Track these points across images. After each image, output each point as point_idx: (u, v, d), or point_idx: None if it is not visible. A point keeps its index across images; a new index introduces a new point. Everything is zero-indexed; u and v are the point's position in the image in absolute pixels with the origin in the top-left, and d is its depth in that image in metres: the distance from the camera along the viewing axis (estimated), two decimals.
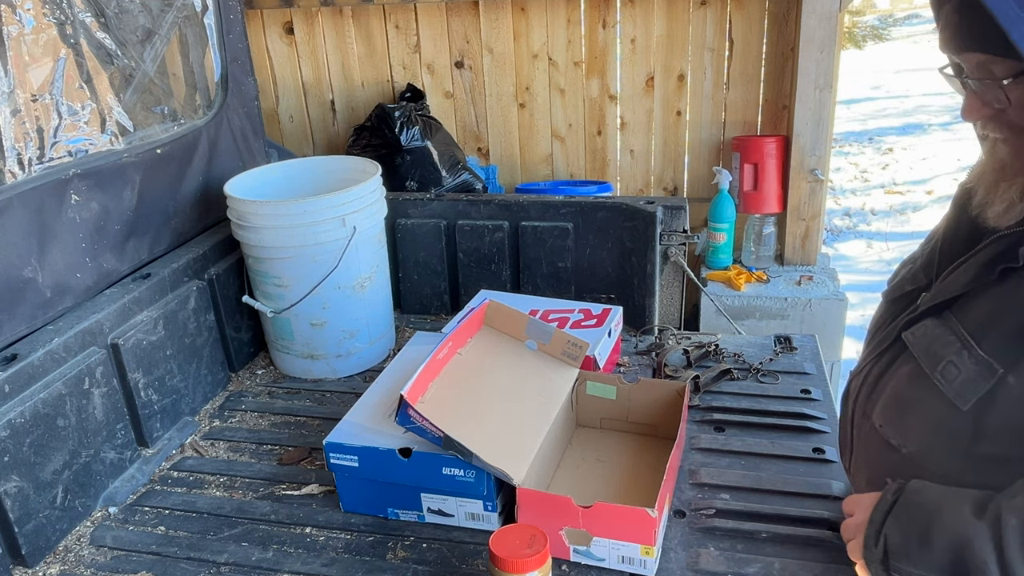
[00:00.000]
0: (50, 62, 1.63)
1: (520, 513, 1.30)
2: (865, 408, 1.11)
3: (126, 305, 1.68)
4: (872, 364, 1.12)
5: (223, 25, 2.12)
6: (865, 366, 1.14)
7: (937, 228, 1.19)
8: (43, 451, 1.42)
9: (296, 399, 1.94)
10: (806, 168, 2.87)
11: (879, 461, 1.08)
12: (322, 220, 1.84)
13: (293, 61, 3.34)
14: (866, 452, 1.12)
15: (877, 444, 1.08)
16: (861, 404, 1.13)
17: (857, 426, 1.14)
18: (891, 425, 1.05)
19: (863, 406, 1.12)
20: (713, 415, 1.68)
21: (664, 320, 2.14)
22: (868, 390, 1.11)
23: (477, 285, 2.22)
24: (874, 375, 1.11)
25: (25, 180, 1.54)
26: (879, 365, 1.10)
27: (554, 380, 1.56)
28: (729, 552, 1.30)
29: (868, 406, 1.10)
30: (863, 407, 1.12)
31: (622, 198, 2.17)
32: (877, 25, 11.61)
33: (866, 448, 1.12)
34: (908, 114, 7.86)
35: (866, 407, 1.11)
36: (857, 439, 1.15)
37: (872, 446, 1.10)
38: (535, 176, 3.31)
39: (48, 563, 1.42)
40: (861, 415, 1.12)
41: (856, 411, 1.14)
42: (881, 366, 1.10)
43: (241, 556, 1.40)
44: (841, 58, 2.83)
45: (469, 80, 3.23)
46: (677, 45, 3.00)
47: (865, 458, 1.13)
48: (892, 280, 1.20)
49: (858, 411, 1.14)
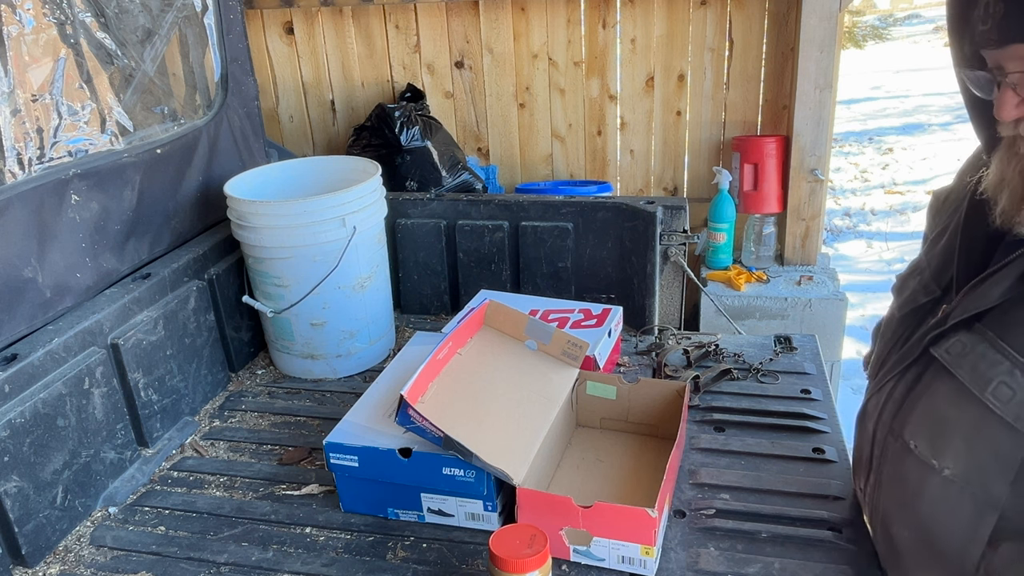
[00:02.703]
0: (50, 62, 1.63)
1: (520, 513, 1.30)
2: (892, 426, 1.08)
3: (126, 305, 1.68)
4: (896, 381, 1.09)
5: (223, 25, 2.12)
6: (886, 383, 1.11)
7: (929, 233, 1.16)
8: (43, 451, 1.42)
9: (296, 399, 1.94)
10: (806, 168, 2.87)
11: (915, 482, 1.05)
12: (322, 220, 1.84)
13: (293, 61, 3.35)
14: (896, 473, 1.09)
15: (912, 465, 1.04)
16: (886, 423, 1.09)
17: (881, 445, 1.11)
18: (929, 445, 1.01)
19: (888, 424, 1.09)
20: (713, 415, 1.68)
21: (664, 320, 2.14)
22: (894, 408, 1.08)
23: (477, 285, 2.22)
24: (899, 392, 1.08)
25: (25, 180, 1.54)
26: (904, 381, 1.07)
27: (554, 380, 1.56)
28: (729, 552, 1.30)
29: (896, 424, 1.07)
30: (888, 425, 1.09)
31: (622, 198, 2.17)
32: (877, 25, 11.61)
33: (896, 469, 1.09)
34: (908, 114, 7.87)
35: (893, 425, 1.08)
36: (882, 459, 1.11)
37: (904, 466, 1.06)
38: (535, 176, 3.31)
39: (48, 563, 1.42)
40: (887, 433, 1.09)
41: (879, 430, 1.11)
42: (907, 382, 1.07)
43: (241, 556, 1.40)
44: (841, 58, 2.83)
45: (469, 80, 3.23)
46: (677, 45, 3.01)
47: (895, 479, 1.09)
48: (901, 293, 1.17)
49: (881, 430, 1.10)
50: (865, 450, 1.17)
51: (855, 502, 1.37)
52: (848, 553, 1.28)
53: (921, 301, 1.10)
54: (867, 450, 1.16)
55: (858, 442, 1.20)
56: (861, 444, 1.18)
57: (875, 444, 1.13)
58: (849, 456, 1.46)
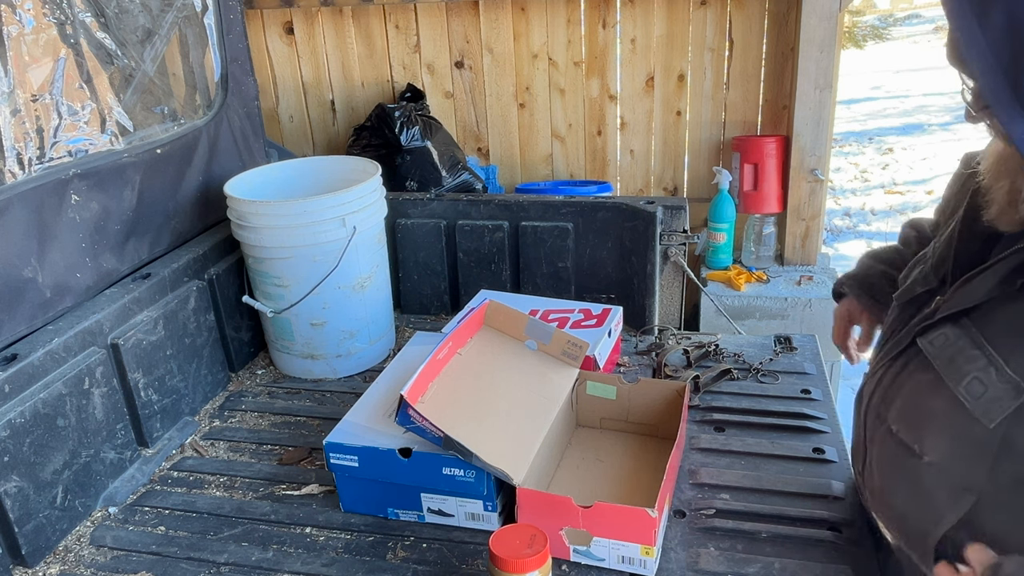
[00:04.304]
0: (50, 62, 1.63)
1: (520, 513, 1.30)
2: (879, 411, 1.10)
3: (126, 305, 1.68)
4: (886, 367, 1.10)
5: (223, 25, 2.12)
6: (878, 369, 1.13)
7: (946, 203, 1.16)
8: (43, 451, 1.42)
9: (296, 399, 1.94)
10: (806, 168, 2.87)
11: (898, 466, 1.06)
12: (322, 220, 1.84)
13: (293, 61, 3.35)
14: (883, 456, 1.11)
15: (895, 448, 1.06)
16: (875, 407, 1.11)
17: (870, 429, 1.13)
18: (909, 431, 1.03)
19: (877, 409, 1.11)
20: (713, 415, 1.68)
21: (664, 320, 2.14)
22: (882, 393, 1.10)
23: (477, 285, 2.22)
24: (888, 378, 1.09)
25: (25, 180, 1.54)
26: (893, 368, 1.09)
27: (554, 380, 1.56)
28: (729, 552, 1.30)
29: (883, 409, 1.09)
30: (876, 410, 1.11)
31: (622, 198, 2.17)
32: (877, 25, 11.61)
33: (882, 451, 1.10)
34: (908, 114, 7.87)
35: (880, 410, 1.10)
36: (871, 443, 1.13)
37: (889, 450, 1.08)
38: (535, 176, 3.31)
39: (48, 563, 1.42)
40: (875, 418, 1.11)
41: (869, 414, 1.13)
42: (895, 369, 1.08)
43: (241, 556, 1.40)
44: (841, 58, 2.83)
45: (469, 80, 3.23)
46: (677, 45, 3.01)
47: (882, 461, 1.11)
48: (904, 280, 1.18)
49: (871, 414, 1.12)
50: (859, 433, 1.19)
51: (855, 502, 1.37)
52: (848, 553, 1.28)
53: (918, 291, 1.11)
54: (860, 433, 1.18)
55: (854, 426, 1.22)
56: (856, 427, 1.20)
57: (866, 428, 1.15)
58: (849, 456, 1.46)
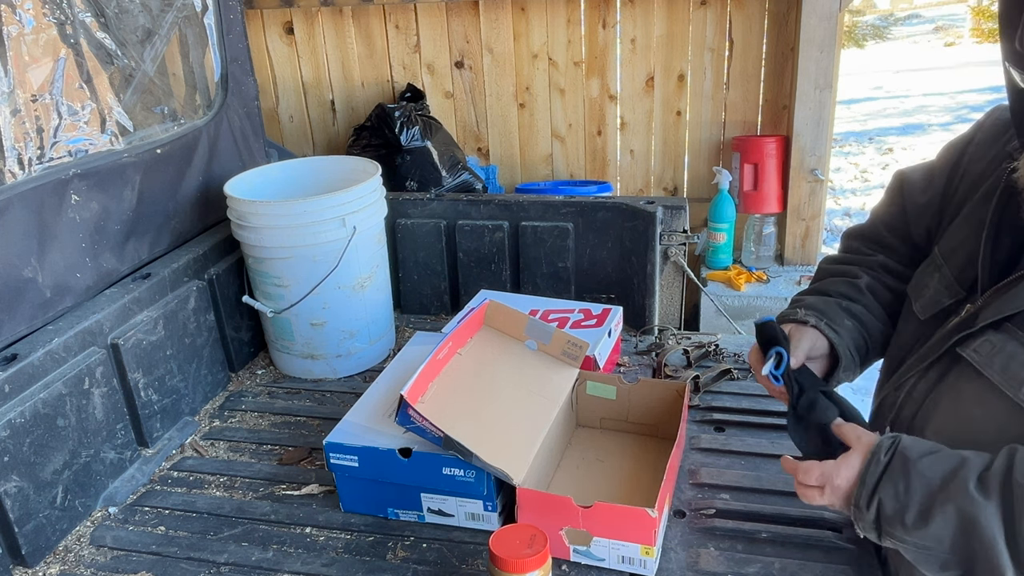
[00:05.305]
0: (50, 62, 1.63)
1: (520, 513, 1.30)
2: (912, 424, 1.08)
3: (126, 305, 1.68)
4: (917, 379, 1.08)
5: (223, 25, 2.12)
6: (906, 380, 1.10)
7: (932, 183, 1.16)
8: (43, 451, 1.42)
9: (296, 399, 1.94)
10: (806, 168, 2.87)
11: None
12: (322, 220, 1.84)
13: (293, 61, 3.35)
14: None
15: None
16: (905, 420, 1.09)
17: None
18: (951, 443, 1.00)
19: (908, 422, 1.09)
20: (713, 415, 1.68)
21: (664, 320, 2.14)
22: (914, 406, 1.08)
23: (477, 285, 2.22)
24: (920, 390, 1.07)
25: (25, 180, 1.54)
26: (926, 380, 1.07)
27: (554, 380, 1.56)
28: (729, 552, 1.30)
29: (917, 422, 1.07)
30: (908, 423, 1.09)
31: (622, 198, 2.17)
32: (877, 25, 11.62)
33: None
34: (908, 114, 7.87)
35: (913, 423, 1.08)
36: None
37: None
38: (535, 176, 3.31)
39: (48, 563, 1.42)
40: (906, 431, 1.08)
41: (897, 428, 1.10)
42: (929, 381, 1.06)
43: (241, 556, 1.40)
44: (841, 58, 2.83)
45: (469, 80, 3.23)
46: (677, 45, 3.01)
47: None
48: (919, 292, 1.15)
49: (899, 428, 1.10)
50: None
51: None
52: (848, 553, 1.28)
53: (946, 304, 1.09)
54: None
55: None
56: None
57: None
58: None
